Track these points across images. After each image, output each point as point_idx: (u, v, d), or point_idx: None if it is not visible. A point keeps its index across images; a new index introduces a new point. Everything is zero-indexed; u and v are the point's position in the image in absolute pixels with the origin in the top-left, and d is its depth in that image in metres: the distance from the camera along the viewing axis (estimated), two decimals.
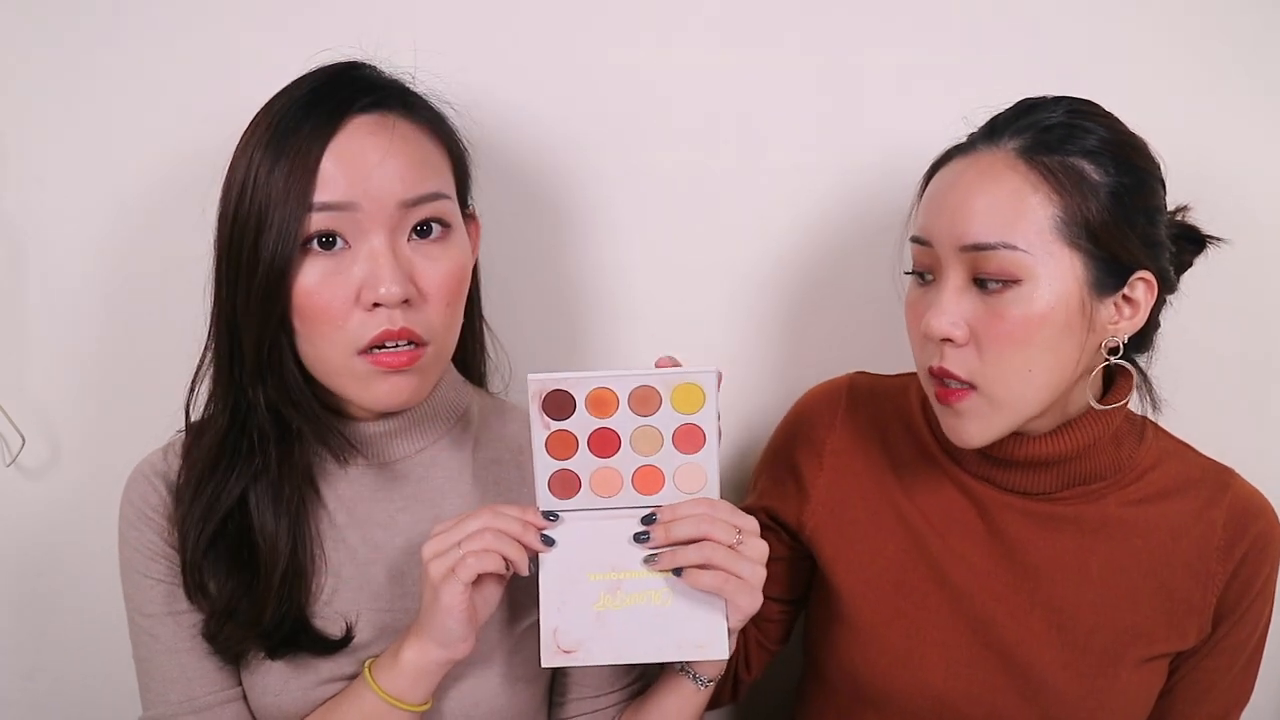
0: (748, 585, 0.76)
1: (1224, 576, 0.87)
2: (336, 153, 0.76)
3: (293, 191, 0.75)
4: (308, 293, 0.77)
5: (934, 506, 0.91)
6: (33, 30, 1.00)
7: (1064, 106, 0.82)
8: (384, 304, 0.77)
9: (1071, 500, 0.88)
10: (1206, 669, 0.90)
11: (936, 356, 0.82)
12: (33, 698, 1.18)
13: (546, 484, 0.79)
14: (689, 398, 0.78)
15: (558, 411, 0.77)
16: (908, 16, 1.01)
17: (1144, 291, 0.82)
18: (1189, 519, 0.88)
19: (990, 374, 0.80)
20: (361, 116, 0.78)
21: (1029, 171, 0.79)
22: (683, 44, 1.02)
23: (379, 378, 0.79)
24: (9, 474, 1.11)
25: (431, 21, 1.01)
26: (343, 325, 0.77)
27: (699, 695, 0.85)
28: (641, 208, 1.06)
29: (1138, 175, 0.80)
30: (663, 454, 0.79)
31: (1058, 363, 0.80)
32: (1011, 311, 0.78)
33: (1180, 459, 0.91)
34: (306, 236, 0.76)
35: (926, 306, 0.83)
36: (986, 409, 0.82)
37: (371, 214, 0.76)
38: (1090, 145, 0.79)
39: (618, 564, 0.78)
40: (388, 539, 0.86)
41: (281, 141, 0.76)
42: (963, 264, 0.80)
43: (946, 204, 0.81)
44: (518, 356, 1.04)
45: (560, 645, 0.77)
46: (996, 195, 0.79)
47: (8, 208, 1.04)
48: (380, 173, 0.77)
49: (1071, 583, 0.87)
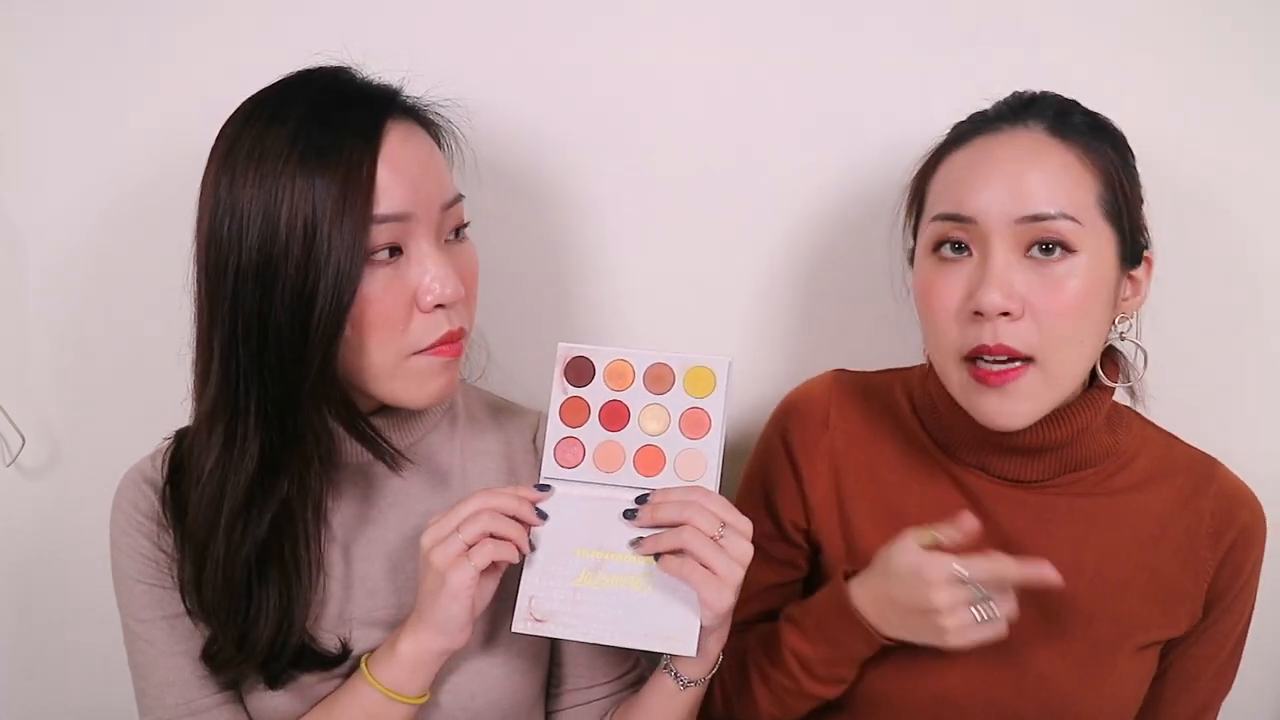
0: (718, 580, 0.75)
1: (1214, 563, 0.88)
2: (389, 162, 0.76)
3: (350, 205, 0.73)
4: (370, 302, 0.76)
5: (928, 500, 0.91)
6: (33, 30, 1.00)
7: (1051, 97, 0.85)
8: (446, 305, 0.78)
9: (1063, 488, 0.88)
10: (1194, 656, 0.91)
11: (988, 334, 0.80)
12: (33, 698, 1.18)
13: (554, 449, 0.82)
14: (701, 381, 0.81)
15: (577, 378, 0.82)
16: (907, 16, 1.01)
17: (1145, 270, 0.85)
18: (1176, 506, 0.88)
19: (1049, 345, 0.80)
20: (392, 123, 0.78)
21: (1068, 150, 0.81)
22: (683, 41, 1.03)
23: (436, 373, 0.80)
24: (9, 474, 1.11)
25: (432, 22, 1.02)
26: (404, 331, 0.78)
27: (681, 696, 0.84)
28: (638, 206, 1.07)
29: (1131, 159, 0.85)
30: (668, 435, 0.81)
31: (1098, 336, 0.83)
32: (1070, 282, 0.79)
33: (1164, 445, 0.92)
34: (372, 249, 0.75)
35: (960, 284, 0.82)
36: (1040, 386, 0.81)
37: (423, 220, 0.77)
38: (1098, 132, 0.83)
39: (604, 544, 0.79)
40: (380, 535, 0.86)
41: (320, 155, 0.74)
42: (1016, 236, 0.80)
43: (994, 177, 0.81)
44: (518, 356, 1.04)
45: (533, 613, 0.78)
46: (1048, 169, 0.80)
47: (8, 208, 1.04)
48: (427, 179, 0.78)
49: (1066, 574, 0.84)
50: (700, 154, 1.05)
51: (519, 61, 1.03)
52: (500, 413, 0.94)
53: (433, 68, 0.89)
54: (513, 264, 1.07)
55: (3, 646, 1.16)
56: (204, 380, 0.79)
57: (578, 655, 0.91)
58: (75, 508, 1.11)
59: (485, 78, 1.02)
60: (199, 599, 0.81)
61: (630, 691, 0.91)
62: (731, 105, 1.03)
